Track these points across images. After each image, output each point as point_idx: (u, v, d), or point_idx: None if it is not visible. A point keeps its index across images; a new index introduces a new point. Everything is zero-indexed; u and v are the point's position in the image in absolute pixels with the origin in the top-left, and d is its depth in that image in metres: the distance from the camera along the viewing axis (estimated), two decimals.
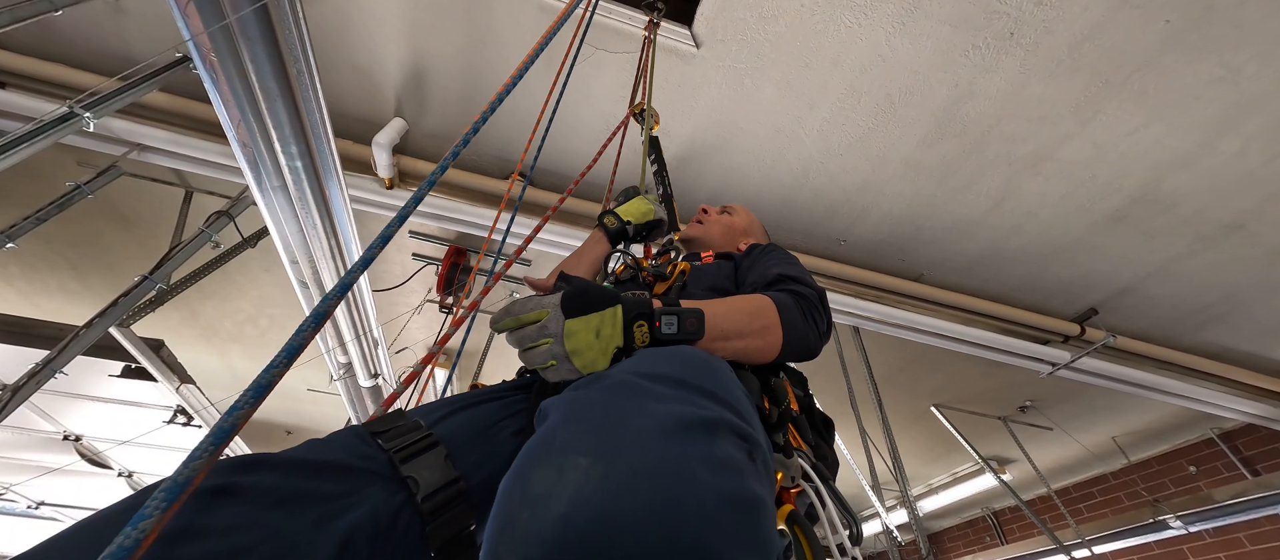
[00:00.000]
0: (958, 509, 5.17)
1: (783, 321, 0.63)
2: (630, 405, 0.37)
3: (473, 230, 2.11)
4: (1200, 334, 2.75)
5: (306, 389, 3.85)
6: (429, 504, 0.45)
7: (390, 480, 0.45)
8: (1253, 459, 3.46)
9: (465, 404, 0.57)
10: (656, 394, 0.39)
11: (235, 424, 0.31)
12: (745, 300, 0.64)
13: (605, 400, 0.38)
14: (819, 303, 0.70)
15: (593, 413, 0.37)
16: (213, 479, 0.37)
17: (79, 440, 2.71)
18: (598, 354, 0.51)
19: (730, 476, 0.33)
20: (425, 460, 0.47)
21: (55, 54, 1.77)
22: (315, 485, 0.41)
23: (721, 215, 1.09)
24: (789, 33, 1.67)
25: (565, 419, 0.37)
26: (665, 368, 0.43)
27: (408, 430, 0.50)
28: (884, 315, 2.40)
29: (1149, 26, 1.57)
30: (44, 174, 2.19)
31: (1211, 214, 2.12)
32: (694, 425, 0.36)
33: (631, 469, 0.31)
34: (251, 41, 1.16)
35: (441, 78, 1.87)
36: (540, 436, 0.37)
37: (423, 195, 0.52)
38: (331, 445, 0.46)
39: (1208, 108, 1.76)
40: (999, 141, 1.94)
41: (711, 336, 0.56)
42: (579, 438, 0.34)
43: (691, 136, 2.02)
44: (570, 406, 0.38)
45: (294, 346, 0.37)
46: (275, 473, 0.41)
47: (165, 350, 1.97)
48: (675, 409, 0.37)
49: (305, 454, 0.44)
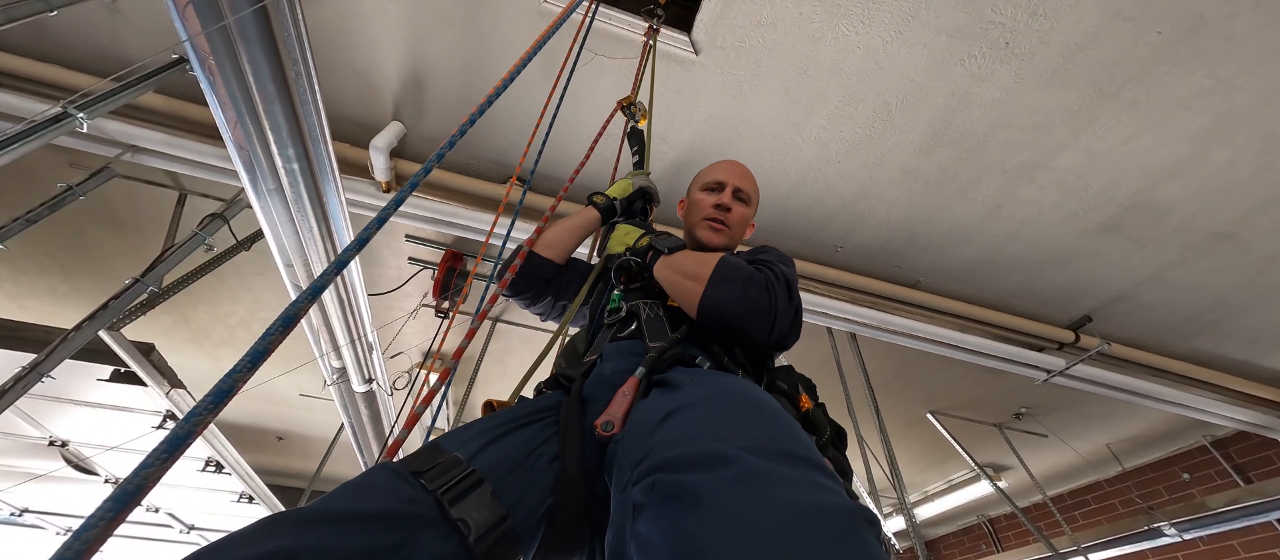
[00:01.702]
0: (954, 516, 5.17)
1: (714, 272, 0.72)
2: (790, 496, 0.37)
3: (471, 235, 2.10)
4: (1193, 341, 2.77)
5: (299, 394, 3.81)
6: (481, 545, 0.43)
7: (441, 524, 0.43)
8: (1245, 466, 3.49)
9: (499, 432, 0.54)
10: (784, 479, 0.39)
11: (192, 430, 0.29)
12: (706, 254, 0.78)
13: (759, 493, 0.37)
14: (781, 282, 0.72)
15: (755, 504, 0.36)
16: (273, 541, 0.35)
17: (66, 446, 2.66)
18: None
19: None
20: (473, 500, 0.45)
21: (51, 55, 1.75)
22: (371, 542, 0.38)
23: (743, 210, 0.98)
24: (787, 40, 1.68)
25: (723, 517, 0.36)
26: (755, 430, 0.45)
27: (449, 467, 0.47)
28: (880, 321, 2.41)
29: (1141, 38, 1.59)
30: (36, 176, 2.16)
31: (1202, 223, 2.15)
32: (851, 523, 0.36)
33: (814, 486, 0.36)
34: (250, 43, 1.15)
35: (440, 82, 1.87)
36: (699, 535, 0.35)
37: (404, 197, 0.52)
38: (373, 490, 0.43)
39: (1198, 118, 1.78)
40: (994, 150, 1.95)
41: (666, 264, 0.80)
42: (754, 548, 0.33)
43: (690, 142, 2.03)
44: (718, 503, 0.37)
45: (259, 351, 0.35)
46: (332, 531, 0.38)
47: (156, 354, 1.94)
48: (832, 503, 0.37)
49: (352, 504, 0.41)
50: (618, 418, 0.53)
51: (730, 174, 1.01)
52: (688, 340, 0.73)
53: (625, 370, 0.62)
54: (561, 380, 0.68)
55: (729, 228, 0.96)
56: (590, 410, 0.60)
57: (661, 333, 0.73)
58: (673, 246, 0.83)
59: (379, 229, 0.48)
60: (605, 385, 0.63)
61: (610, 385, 0.61)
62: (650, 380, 0.59)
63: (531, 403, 0.63)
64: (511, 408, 0.61)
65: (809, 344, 2.97)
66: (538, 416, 0.59)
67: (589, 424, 0.57)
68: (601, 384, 0.64)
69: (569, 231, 0.99)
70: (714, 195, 0.98)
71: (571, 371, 0.69)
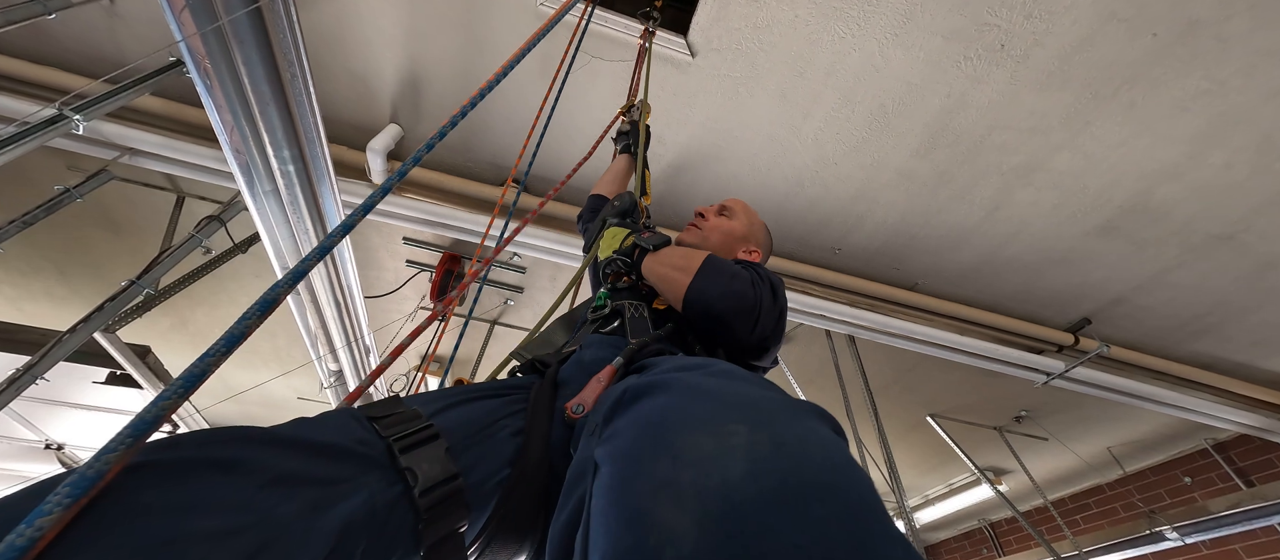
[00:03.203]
0: (955, 520, 5.14)
1: (702, 264, 0.73)
2: (742, 387, 0.42)
3: (468, 237, 2.10)
4: (1192, 344, 2.76)
5: (297, 398, 3.80)
6: (426, 499, 0.42)
7: (387, 470, 0.42)
8: (1247, 470, 3.47)
9: (464, 398, 0.54)
10: (758, 382, 0.45)
11: (159, 414, 0.28)
12: (693, 250, 0.80)
13: (718, 382, 0.43)
14: (765, 282, 0.74)
15: (712, 387, 0.42)
16: (205, 450, 0.35)
17: (61, 449, 2.65)
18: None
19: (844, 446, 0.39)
20: (425, 452, 0.44)
21: (48, 58, 1.76)
22: (312, 468, 0.38)
23: (719, 218, 1.02)
24: (783, 43, 1.69)
25: (688, 396, 0.40)
26: (734, 372, 0.50)
27: (407, 419, 0.47)
28: (879, 324, 2.40)
29: (1136, 40, 1.59)
30: (33, 178, 2.17)
31: (1200, 225, 2.14)
32: (803, 408, 0.40)
33: (797, 437, 0.35)
34: (245, 45, 1.15)
35: (438, 85, 1.87)
36: (667, 410, 0.39)
37: (392, 184, 0.52)
38: (326, 426, 0.43)
39: (1195, 120, 1.78)
40: (991, 152, 1.95)
41: (654, 258, 0.80)
42: (719, 412, 0.37)
43: (687, 144, 2.03)
44: (683, 388, 0.42)
45: (235, 335, 0.35)
46: (268, 448, 0.37)
47: (151, 356, 1.94)
48: (779, 396, 0.42)
49: (299, 432, 0.41)
50: (588, 401, 0.53)
51: (724, 199, 1.10)
52: (670, 339, 0.73)
53: (604, 359, 0.62)
54: (537, 365, 0.67)
55: (701, 230, 1.01)
56: (563, 393, 0.59)
57: (644, 331, 0.73)
58: (658, 243, 0.84)
59: (366, 214, 0.47)
60: (582, 371, 0.62)
61: (587, 371, 0.60)
62: (628, 369, 0.59)
63: (503, 381, 0.63)
64: (481, 383, 0.61)
65: (808, 347, 2.97)
66: (506, 391, 0.59)
67: (560, 405, 0.57)
68: (578, 369, 0.64)
69: (615, 177, 1.30)
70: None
71: (547, 357, 0.69)
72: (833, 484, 0.31)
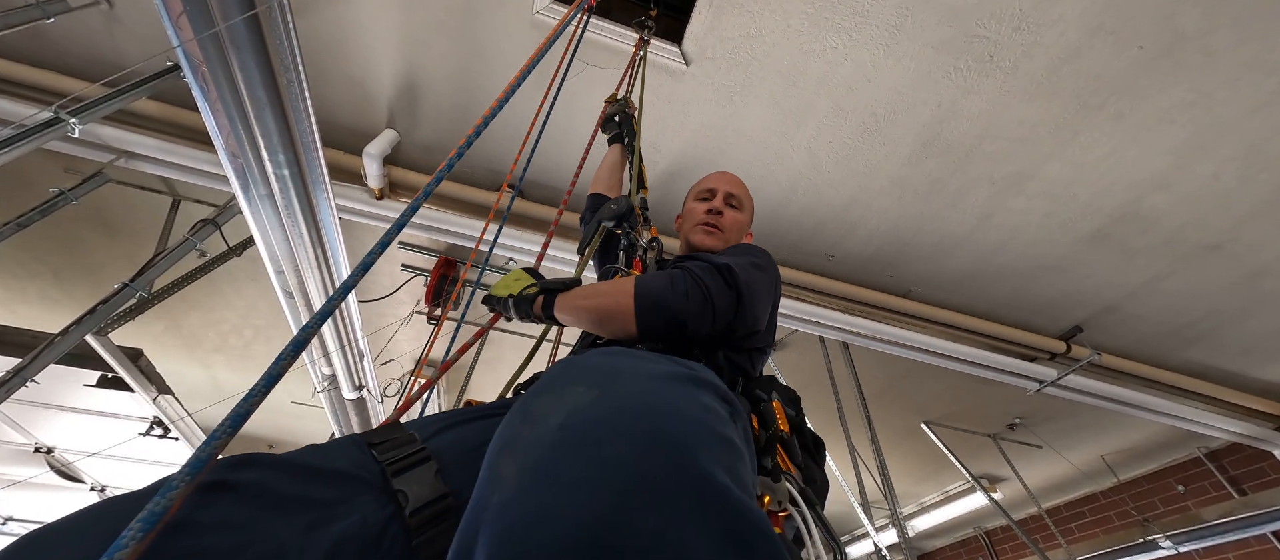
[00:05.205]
0: (950, 528, 5.13)
1: (636, 286, 0.71)
2: (624, 361, 0.47)
3: (463, 241, 2.10)
4: (1184, 352, 2.78)
5: (290, 402, 3.78)
6: (417, 518, 0.45)
7: (381, 492, 0.45)
8: (1239, 478, 3.48)
9: (460, 420, 0.57)
10: (650, 358, 0.49)
11: (212, 454, 0.33)
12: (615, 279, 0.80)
13: (600, 358, 0.47)
14: (710, 272, 0.72)
15: (589, 362, 0.46)
16: (212, 474, 0.38)
17: (51, 452, 2.63)
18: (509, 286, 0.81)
19: (714, 419, 0.41)
20: (416, 474, 0.48)
21: (48, 61, 1.77)
22: (310, 490, 0.42)
23: (733, 213, 1.00)
24: (776, 52, 1.71)
25: (564, 368, 0.46)
26: (657, 355, 0.53)
27: (403, 443, 0.50)
28: (873, 330, 2.41)
29: (1123, 52, 1.62)
30: (30, 181, 2.17)
31: (1190, 234, 2.17)
32: (684, 379, 0.44)
33: (626, 393, 0.38)
34: (242, 50, 1.16)
35: (435, 90, 1.89)
36: (542, 381, 0.44)
37: (407, 219, 0.53)
38: (329, 452, 0.47)
39: (1182, 131, 1.81)
40: (982, 160, 1.98)
41: (566, 300, 0.75)
42: (579, 377, 0.42)
43: (681, 152, 2.04)
44: (567, 363, 0.47)
45: (273, 375, 0.39)
46: (272, 472, 0.41)
47: (144, 360, 1.94)
48: (666, 367, 0.46)
49: (303, 458, 0.45)
50: None
51: (721, 182, 1.05)
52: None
53: None
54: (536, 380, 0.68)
55: (722, 231, 0.98)
56: None
57: None
58: (568, 284, 0.78)
59: (382, 252, 0.50)
60: None
61: None
62: None
63: (504, 401, 0.64)
64: (484, 404, 0.63)
65: (802, 353, 2.97)
66: (501, 411, 0.60)
67: None
68: None
69: (610, 170, 1.29)
70: (706, 203, 1.02)
71: None
72: (631, 430, 0.34)
